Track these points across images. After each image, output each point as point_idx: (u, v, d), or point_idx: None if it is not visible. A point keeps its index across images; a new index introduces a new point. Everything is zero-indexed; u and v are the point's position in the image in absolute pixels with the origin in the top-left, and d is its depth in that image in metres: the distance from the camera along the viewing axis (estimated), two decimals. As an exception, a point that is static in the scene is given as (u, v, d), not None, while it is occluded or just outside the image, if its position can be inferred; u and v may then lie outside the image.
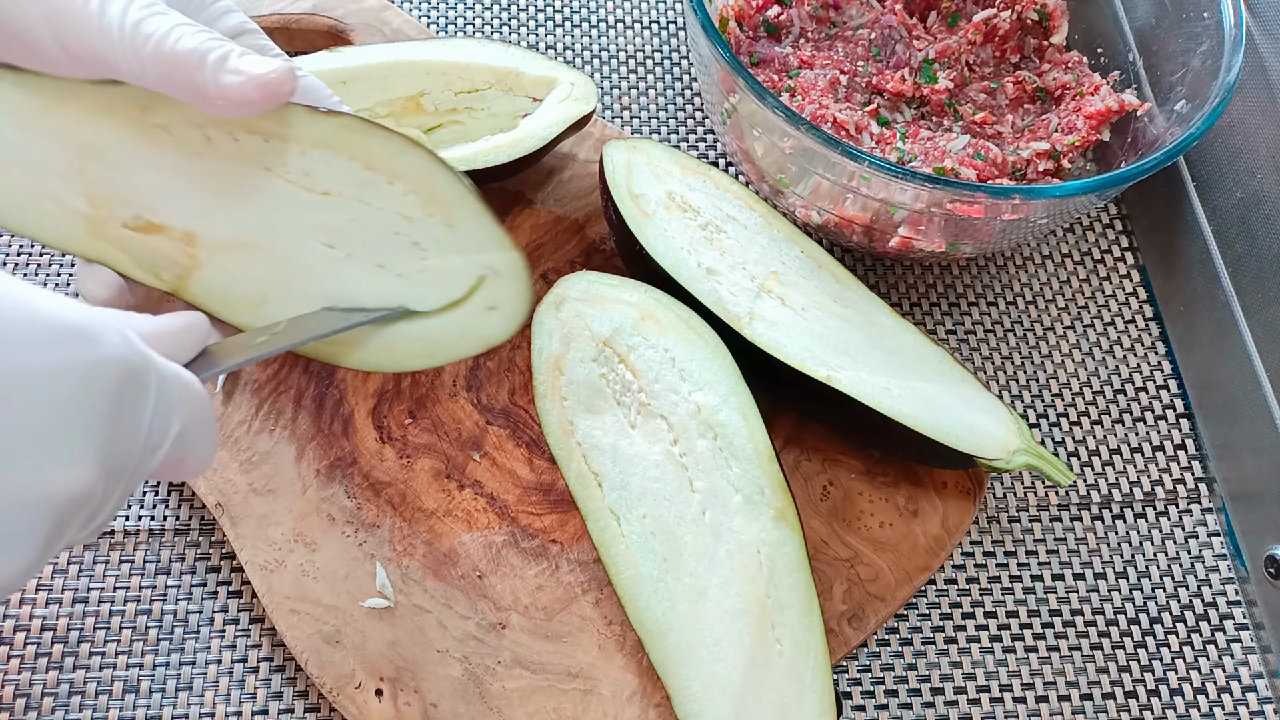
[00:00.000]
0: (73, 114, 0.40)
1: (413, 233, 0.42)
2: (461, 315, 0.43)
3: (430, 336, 0.43)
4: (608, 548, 0.47)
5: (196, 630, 0.50)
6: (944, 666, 0.51)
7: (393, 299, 0.42)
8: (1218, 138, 0.58)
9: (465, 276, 0.42)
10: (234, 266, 0.42)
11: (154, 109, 0.40)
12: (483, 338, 0.43)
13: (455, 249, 0.42)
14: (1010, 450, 0.50)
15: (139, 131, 0.40)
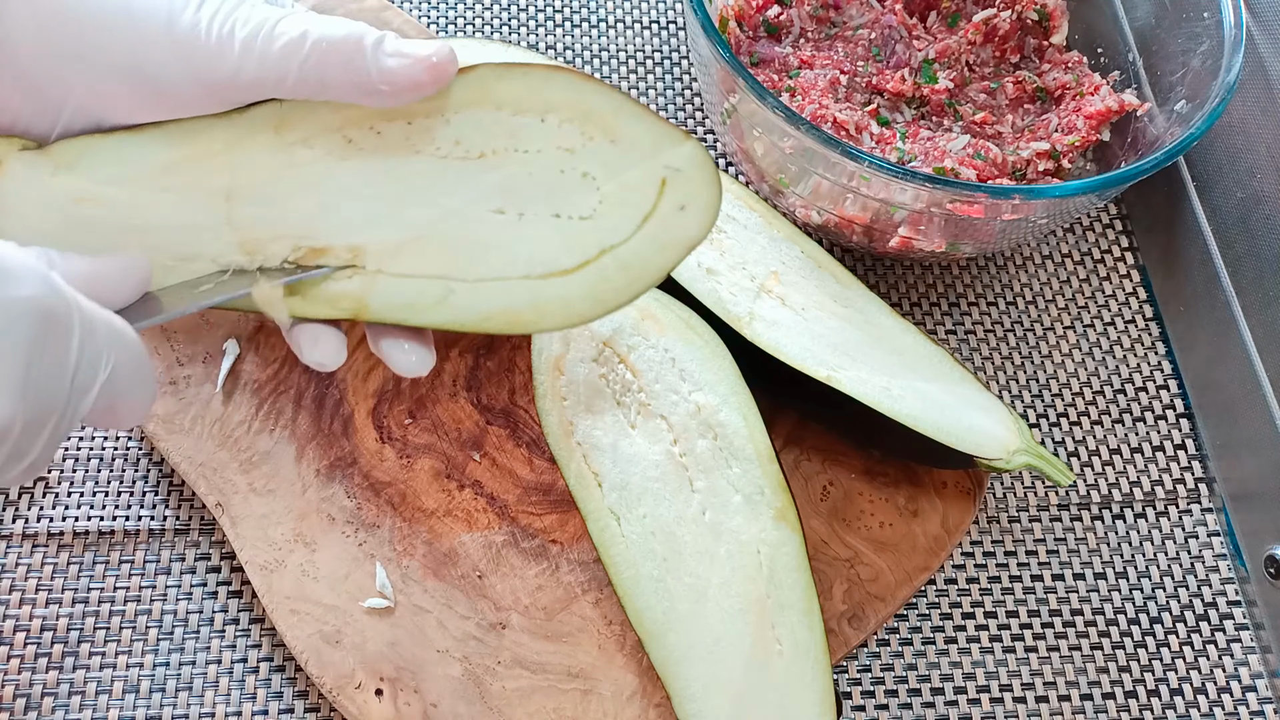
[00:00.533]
0: (206, 156, 0.38)
1: (579, 164, 0.39)
2: (653, 228, 0.40)
3: (628, 262, 0.40)
4: (608, 548, 0.47)
5: (196, 630, 0.50)
6: (944, 666, 0.51)
7: (588, 246, 0.40)
8: (1218, 138, 0.58)
9: (647, 187, 0.39)
10: (410, 266, 0.40)
11: (289, 124, 0.38)
12: (682, 241, 0.40)
13: (627, 163, 0.39)
14: (1010, 450, 0.50)
15: (277, 154, 0.38)
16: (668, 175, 0.39)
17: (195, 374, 0.53)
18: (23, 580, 0.50)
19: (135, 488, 0.53)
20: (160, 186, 0.38)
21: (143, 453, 0.54)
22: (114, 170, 0.38)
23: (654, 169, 0.39)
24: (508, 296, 0.40)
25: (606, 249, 0.40)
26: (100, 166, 0.38)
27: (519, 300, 0.40)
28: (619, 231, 0.40)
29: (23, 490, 0.52)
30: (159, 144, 0.38)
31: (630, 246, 0.40)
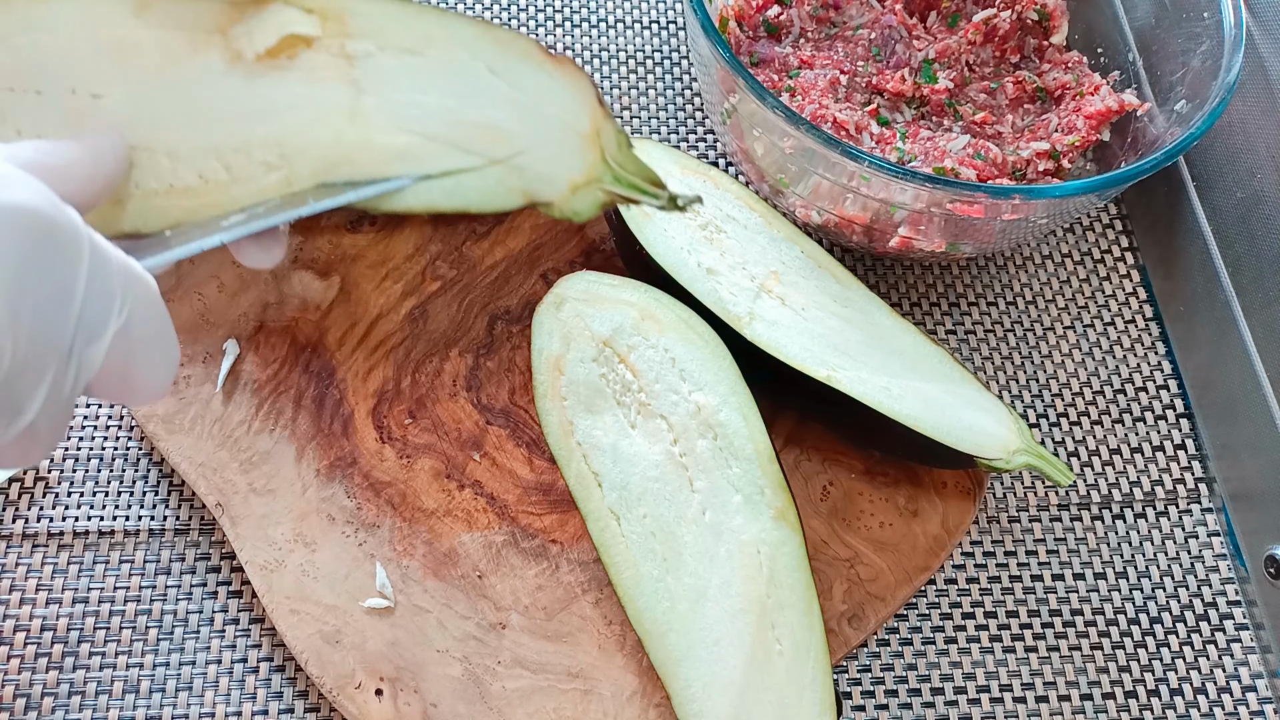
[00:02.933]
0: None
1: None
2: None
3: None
4: (608, 548, 0.47)
5: (196, 630, 0.50)
6: (944, 666, 0.51)
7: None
8: (1218, 137, 0.58)
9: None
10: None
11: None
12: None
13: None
14: (1010, 450, 0.50)
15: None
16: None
17: (195, 374, 0.53)
18: (23, 580, 0.50)
19: (135, 488, 0.53)
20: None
21: (143, 453, 0.54)
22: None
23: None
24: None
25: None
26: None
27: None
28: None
29: (23, 490, 0.52)
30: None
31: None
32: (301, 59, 0.37)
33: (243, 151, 0.38)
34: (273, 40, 0.37)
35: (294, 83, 0.37)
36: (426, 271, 0.57)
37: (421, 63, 0.37)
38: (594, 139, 0.35)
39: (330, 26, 0.37)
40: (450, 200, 0.37)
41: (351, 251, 0.58)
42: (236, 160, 0.38)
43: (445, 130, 0.36)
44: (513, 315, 0.57)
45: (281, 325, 0.55)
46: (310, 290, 0.56)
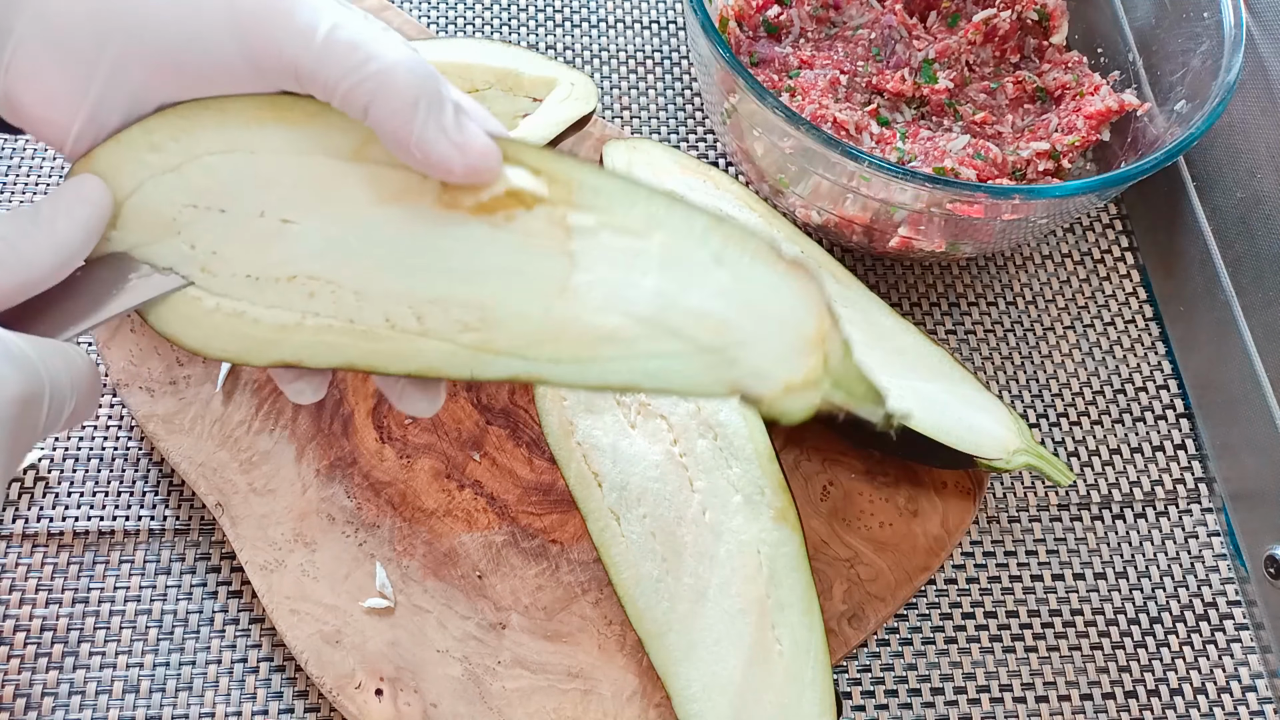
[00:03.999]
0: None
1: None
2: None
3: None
4: (608, 548, 0.47)
5: (196, 630, 0.50)
6: (944, 666, 0.51)
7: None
8: (1218, 137, 0.58)
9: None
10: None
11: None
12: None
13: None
14: (1010, 450, 0.50)
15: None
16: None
17: (195, 374, 0.53)
18: (23, 580, 0.50)
19: (135, 488, 0.53)
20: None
21: (143, 453, 0.54)
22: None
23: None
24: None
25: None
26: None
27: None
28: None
29: (22, 490, 0.52)
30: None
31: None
32: (518, 221, 0.35)
33: (440, 305, 0.35)
34: (499, 193, 0.34)
35: (507, 245, 0.35)
36: (426, 271, 0.57)
37: (644, 245, 0.34)
38: (818, 344, 0.32)
39: (555, 191, 0.35)
40: (653, 381, 0.34)
41: (351, 251, 0.58)
42: (431, 312, 0.35)
43: (660, 314, 0.34)
44: (513, 315, 0.57)
45: (281, 325, 0.55)
46: (310, 290, 0.56)
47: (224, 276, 0.36)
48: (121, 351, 0.54)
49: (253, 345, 0.36)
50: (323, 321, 0.36)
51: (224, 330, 0.36)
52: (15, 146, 0.62)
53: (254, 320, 0.36)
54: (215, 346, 0.36)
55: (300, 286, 0.36)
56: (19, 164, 0.61)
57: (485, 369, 0.35)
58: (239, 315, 0.36)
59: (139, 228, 0.36)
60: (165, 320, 0.37)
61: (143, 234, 0.36)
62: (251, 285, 0.36)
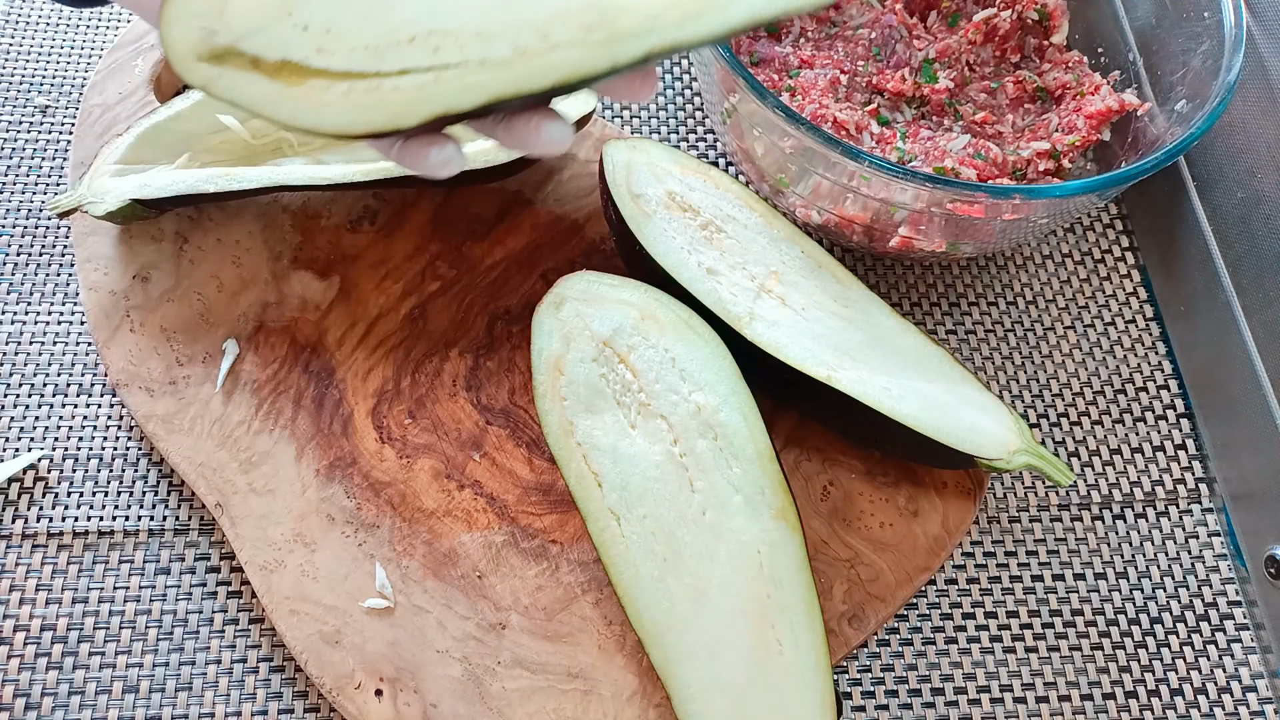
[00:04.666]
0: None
1: None
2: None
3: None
4: (608, 548, 0.47)
5: (196, 630, 0.50)
6: (944, 667, 0.51)
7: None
8: (1218, 137, 0.58)
9: None
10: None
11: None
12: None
13: None
14: (1010, 450, 0.50)
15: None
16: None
17: (195, 374, 0.53)
18: (22, 580, 0.50)
19: (135, 488, 0.53)
20: None
21: (142, 453, 0.53)
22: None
23: None
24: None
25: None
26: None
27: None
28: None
29: (22, 490, 0.52)
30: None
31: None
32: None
33: (558, 18, 0.36)
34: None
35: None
36: (426, 271, 0.57)
37: None
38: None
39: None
40: (771, 6, 0.35)
41: (351, 251, 0.58)
42: (554, 28, 0.36)
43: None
44: (513, 315, 0.57)
45: (281, 325, 0.55)
46: (310, 290, 0.56)
47: (342, 53, 0.36)
48: (121, 351, 0.54)
49: (398, 109, 0.36)
50: (458, 69, 0.36)
51: (364, 105, 0.36)
52: (15, 145, 0.62)
53: (393, 88, 0.36)
54: (361, 122, 0.36)
55: (423, 44, 0.36)
56: (18, 164, 0.61)
57: (623, 54, 0.35)
58: (376, 89, 0.36)
59: (248, 13, 0.35)
60: (294, 113, 0.36)
61: (252, 20, 0.35)
62: (374, 55, 0.36)
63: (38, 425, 0.54)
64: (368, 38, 0.36)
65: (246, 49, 0.36)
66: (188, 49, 0.36)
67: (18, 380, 0.55)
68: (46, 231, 0.59)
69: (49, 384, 0.55)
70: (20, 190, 0.61)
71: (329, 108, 0.36)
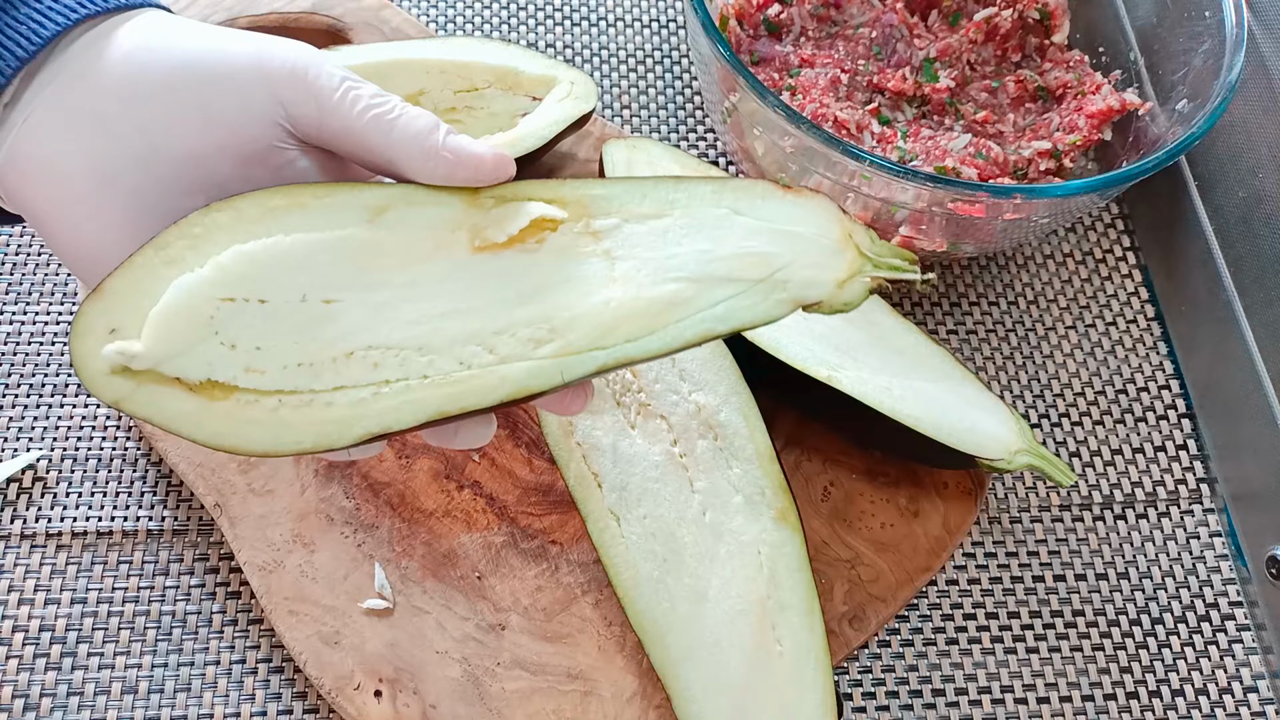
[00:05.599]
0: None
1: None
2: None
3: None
4: (607, 549, 0.47)
5: (194, 631, 0.49)
6: (945, 668, 0.51)
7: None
8: (1219, 137, 0.58)
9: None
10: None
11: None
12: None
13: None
14: (1012, 450, 0.50)
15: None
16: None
17: (194, 374, 0.53)
18: (21, 581, 0.50)
19: (133, 488, 0.52)
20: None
21: (141, 453, 0.53)
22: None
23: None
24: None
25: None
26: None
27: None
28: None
29: (21, 491, 0.52)
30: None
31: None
32: (550, 242, 0.37)
33: (506, 333, 0.36)
34: (524, 223, 0.36)
35: (548, 262, 0.37)
36: (426, 271, 0.57)
37: (667, 223, 0.38)
38: (846, 240, 0.37)
39: (573, 210, 0.37)
40: (725, 324, 0.37)
41: (350, 251, 0.58)
42: (501, 342, 0.36)
43: (707, 269, 0.37)
44: (512, 315, 0.57)
45: (280, 325, 0.55)
46: (309, 290, 0.56)
47: (273, 372, 0.34)
48: (119, 351, 0.53)
49: (331, 429, 0.35)
50: (399, 385, 0.35)
51: (295, 423, 0.34)
52: None
53: (326, 404, 0.35)
54: (288, 441, 0.34)
55: (361, 360, 0.35)
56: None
57: (573, 370, 0.36)
58: (307, 404, 0.34)
59: (170, 336, 0.33)
60: (220, 435, 0.34)
61: (174, 342, 0.33)
62: (308, 373, 0.35)
63: (36, 425, 0.54)
64: (301, 355, 0.35)
65: (168, 372, 0.34)
66: (100, 366, 0.33)
67: (16, 380, 0.55)
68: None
69: (48, 384, 0.55)
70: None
71: (255, 426, 0.34)
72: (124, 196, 0.34)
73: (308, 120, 0.35)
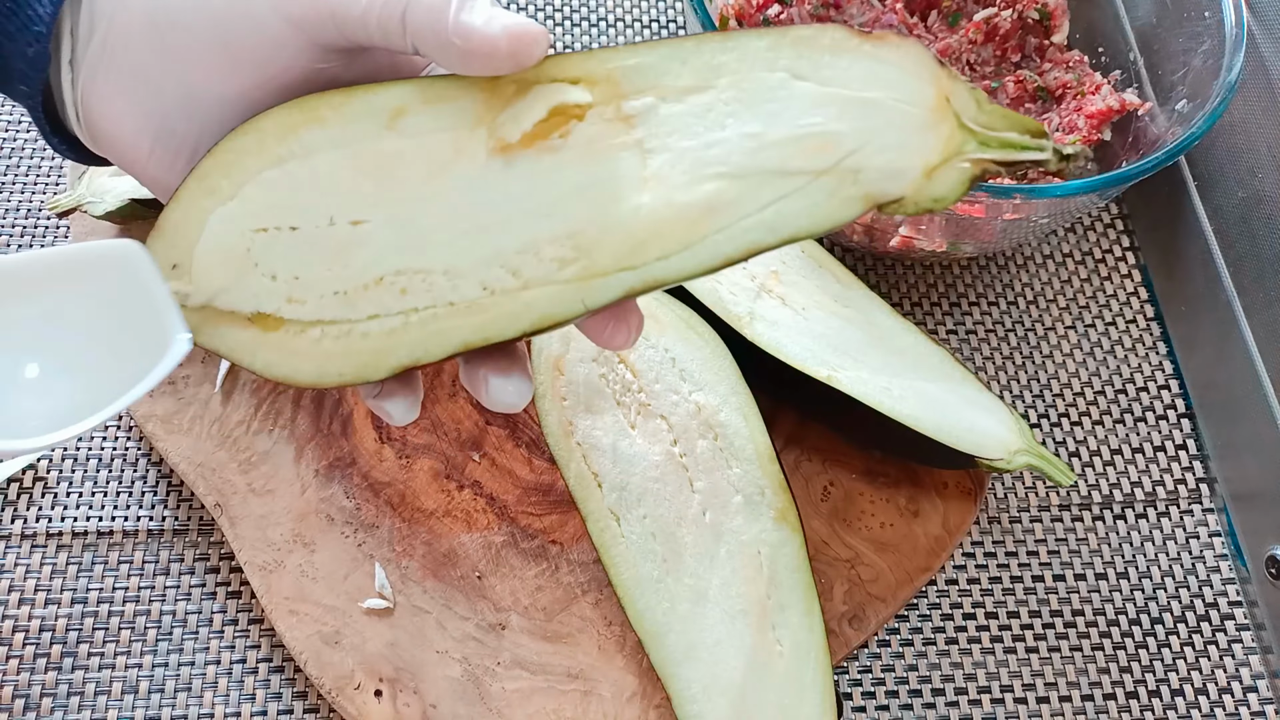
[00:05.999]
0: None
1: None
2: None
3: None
4: (608, 548, 0.47)
5: (195, 631, 0.49)
6: (945, 668, 0.51)
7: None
8: (1219, 137, 0.58)
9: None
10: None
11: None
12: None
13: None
14: (1011, 450, 0.50)
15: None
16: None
17: (194, 374, 0.53)
18: (21, 581, 0.50)
19: (134, 488, 0.52)
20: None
21: (141, 453, 0.53)
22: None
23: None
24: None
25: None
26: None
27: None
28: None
29: (21, 490, 0.52)
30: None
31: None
32: (575, 135, 0.32)
33: (530, 252, 0.33)
34: (541, 114, 0.32)
35: (572, 164, 0.32)
36: (426, 271, 0.57)
37: (711, 97, 0.31)
38: (943, 107, 0.29)
39: (601, 90, 0.32)
40: (777, 234, 0.30)
41: (351, 251, 0.58)
42: (524, 263, 0.33)
43: (754, 160, 0.31)
44: (512, 315, 0.57)
45: (280, 325, 0.55)
46: (309, 290, 0.56)
47: (312, 301, 0.34)
48: (120, 351, 0.54)
49: (367, 359, 0.34)
50: (425, 314, 0.34)
51: (335, 354, 0.34)
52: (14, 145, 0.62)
53: (362, 334, 0.34)
54: (331, 372, 0.34)
55: (390, 285, 0.34)
56: (18, 163, 0.61)
57: (598, 296, 0.32)
58: (345, 335, 0.34)
59: (216, 272, 0.34)
60: (272, 364, 0.34)
61: (221, 277, 0.33)
62: (343, 301, 0.34)
63: (37, 425, 0.54)
64: (335, 282, 0.34)
65: (221, 306, 0.34)
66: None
67: (17, 380, 0.55)
68: (46, 231, 0.59)
69: (48, 384, 0.55)
70: (20, 190, 0.61)
71: (300, 357, 0.34)
72: (186, 146, 0.34)
73: (330, 39, 0.33)
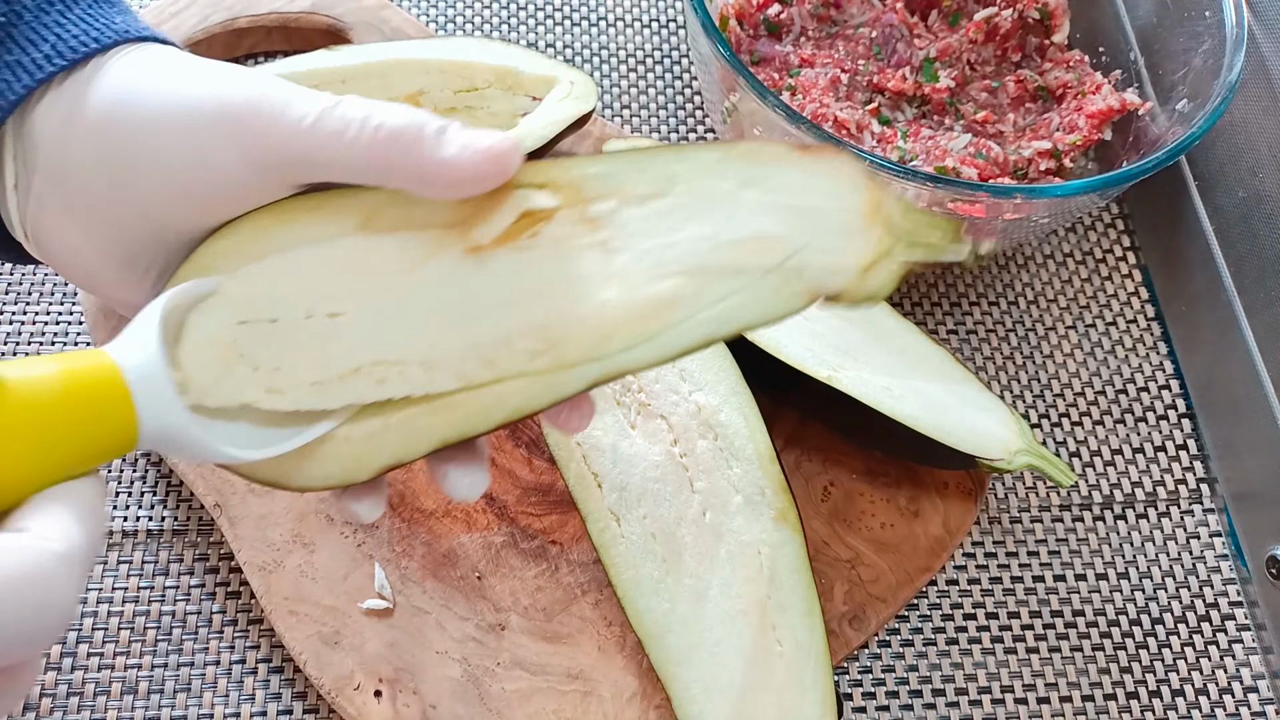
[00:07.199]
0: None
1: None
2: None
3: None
4: (608, 549, 0.47)
5: (195, 631, 0.49)
6: (945, 668, 0.51)
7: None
8: (1219, 137, 0.58)
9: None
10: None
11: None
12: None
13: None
14: (1012, 450, 0.50)
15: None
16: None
17: (193, 374, 0.53)
18: (20, 581, 0.50)
19: (133, 488, 0.52)
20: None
21: (140, 453, 0.53)
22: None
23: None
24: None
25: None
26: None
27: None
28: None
29: (20, 490, 0.52)
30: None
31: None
32: (543, 235, 0.34)
33: (503, 344, 0.34)
34: (511, 219, 0.34)
35: (542, 259, 0.34)
36: (426, 271, 0.57)
37: (668, 203, 0.33)
38: (874, 213, 0.32)
39: (566, 195, 0.34)
40: (728, 325, 0.32)
41: (350, 251, 0.58)
42: (498, 355, 0.34)
43: (709, 259, 0.33)
44: (512, 315, 0.57)
45: (280, 325, 0.55)
46: (309, 290, 0.56)
47: (291, 392, 0.34)
48: (119, 351, 0.53)
49: (350, 463, 0.34)
50: (405, 413, 0.34)
51: (320, 455, 0.34)
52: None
53: (345, 439, 0.34)
54: (318, 476, 0.34)
55: (367, 377, 0.34)
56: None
57: (565, 387, 0.34)
58: (329, 440, 0.34)
59: (202, 369, 0.33)
60: (259, 469, 0.34)
61: (208, 374, 0.33)
62: (320, 393, 0.34)
63: (36, 425, 0.54)
64: (313, 372, 0.34)
65: (210, 404, 0.33)
66: None
67: (16, 380, 0.55)
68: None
69: (47, 384, 0.55)
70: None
71: (284, 461, 0.34)
72: (154, 267, 0.35)
73: (302, 179, 0.34)
